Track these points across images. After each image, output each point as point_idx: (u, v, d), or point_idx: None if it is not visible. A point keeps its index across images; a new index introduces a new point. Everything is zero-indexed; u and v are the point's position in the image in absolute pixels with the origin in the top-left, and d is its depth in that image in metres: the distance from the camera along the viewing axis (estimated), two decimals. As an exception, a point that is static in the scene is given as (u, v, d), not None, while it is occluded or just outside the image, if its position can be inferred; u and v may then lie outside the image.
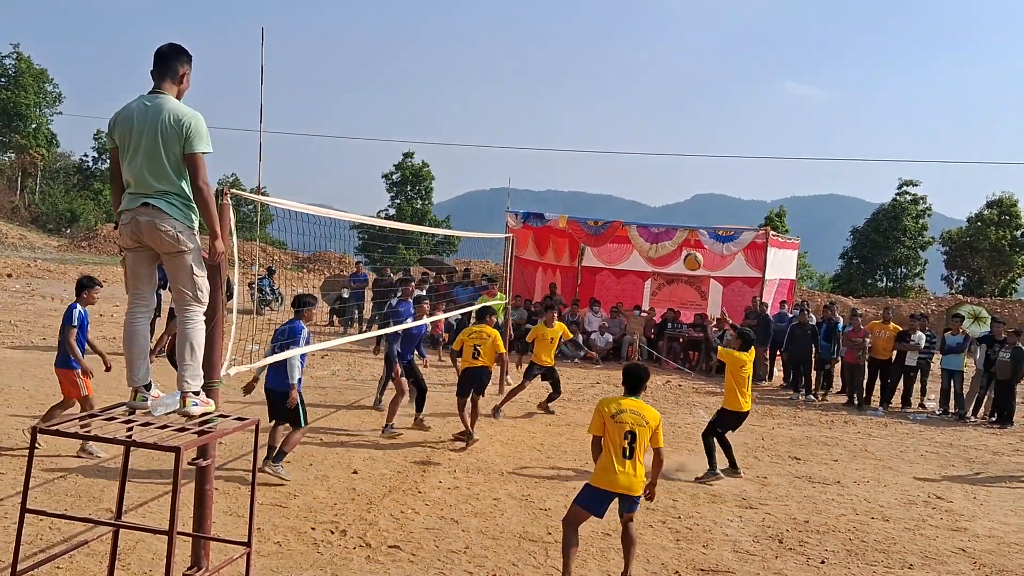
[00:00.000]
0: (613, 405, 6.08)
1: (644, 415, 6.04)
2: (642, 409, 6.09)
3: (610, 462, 5.93)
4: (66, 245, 46.59)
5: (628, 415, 6.00)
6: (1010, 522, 8.50)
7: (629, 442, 5.93)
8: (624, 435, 5.94)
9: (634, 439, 5.94)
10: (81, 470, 7.86)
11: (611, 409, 6.04)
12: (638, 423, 5.98)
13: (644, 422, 6.00)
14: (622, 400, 6.14)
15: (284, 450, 8.16)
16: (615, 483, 5.93)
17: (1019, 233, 46.08)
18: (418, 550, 6.59)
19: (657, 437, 6.09)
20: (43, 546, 5.93)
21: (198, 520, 4.92)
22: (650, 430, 6.02)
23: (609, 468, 5.93)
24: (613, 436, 5.96)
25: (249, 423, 4.88)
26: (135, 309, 4.88)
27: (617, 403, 6.10)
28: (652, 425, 6.04)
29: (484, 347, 10.35)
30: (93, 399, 8.34)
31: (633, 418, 5.99)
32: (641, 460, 5.99)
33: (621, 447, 5.93)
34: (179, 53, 4.79)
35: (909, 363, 15.34)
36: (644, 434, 5.98)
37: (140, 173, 4.61)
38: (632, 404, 6.10)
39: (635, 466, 5.95)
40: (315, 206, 7.61)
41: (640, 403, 6.16)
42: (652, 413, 6.12)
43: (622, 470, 5.91)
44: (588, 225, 20.90)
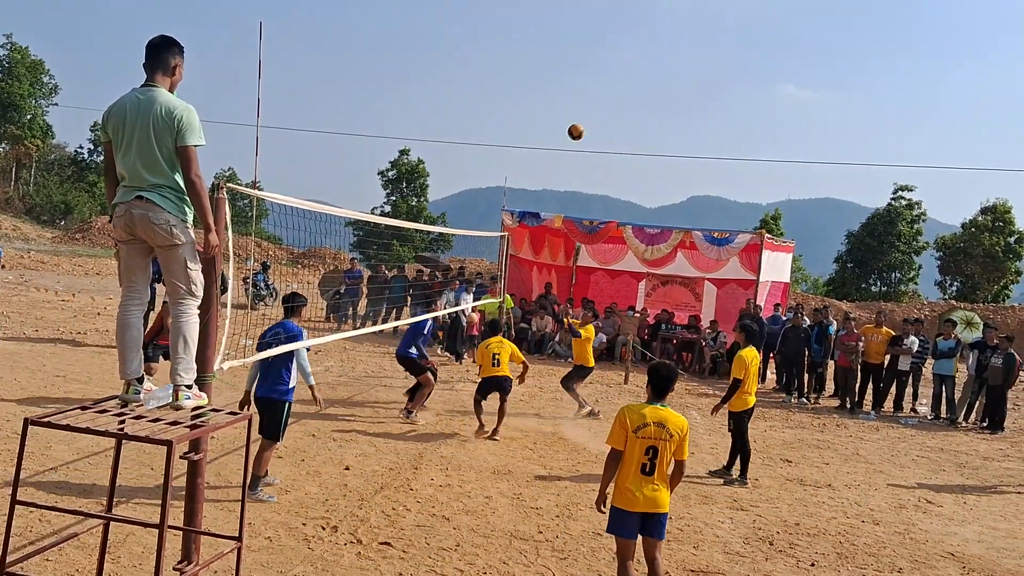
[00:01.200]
0: (636, 416, 5.48)
1: (668, 427, 5.46)
2: (667, 421, 5.48)
3: (627, 480, 5.47)
4: (60, 237, 46.42)
5: (652, 429, 5.43)
6: (999, 527, 8.53)
7: (650, 457, 5.44)
8: (645, 450, 5.44)
9: (656, 455, 5.43)
10: (73, 463, 7.84)
11: (634, 421, 5.47)
12: (661, 437, 5.43)
13: (668, 435, 5.45)
14: (646, 409, 5.52)
15: (257, 474, 7.52)
16: (636, 503, 5.44)
17: (1013, 239, 46.20)
18: (409, 547, 6.59)
19: (682, 449, 5.55)
20: (33, 538, 5.92)
21: (189, 514, 4.91)
22: (675, 443, 5.49)
23: (629, 486, 5.46)
24: (633, 450, 5.45)
25: (242, 417, 4.87)
26: (128, 302, 4.87)
27: (640, 414, 5.49)
28: (676, 438, 5.49)
29: (503, 355, 10.83)
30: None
31: (656, 431, 5.43)
32: (664, 475, 5.50)
33: (640, 463, 5.44)
34: (171, 45, 4.78)
35: (902, 367, 15.38)
36: (667, 448, 5.46)
37: (133, 166, 4.61)
38: (656, 415, 5.48)
39: (657, 481, 5.46)
40: (311, 201, 7.60)
41: (666, 412, 5.54)
42: (677, 422, 5.53)
43: (642, 487, 5.44)
44: (583, 225, 20.93)
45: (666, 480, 5.52)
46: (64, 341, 14.69)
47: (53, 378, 11.30)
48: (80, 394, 10.26)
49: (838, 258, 52.01)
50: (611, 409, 13.50)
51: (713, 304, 21.07)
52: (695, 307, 21.29)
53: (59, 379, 11.29)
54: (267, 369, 7.65)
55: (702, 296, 21.51)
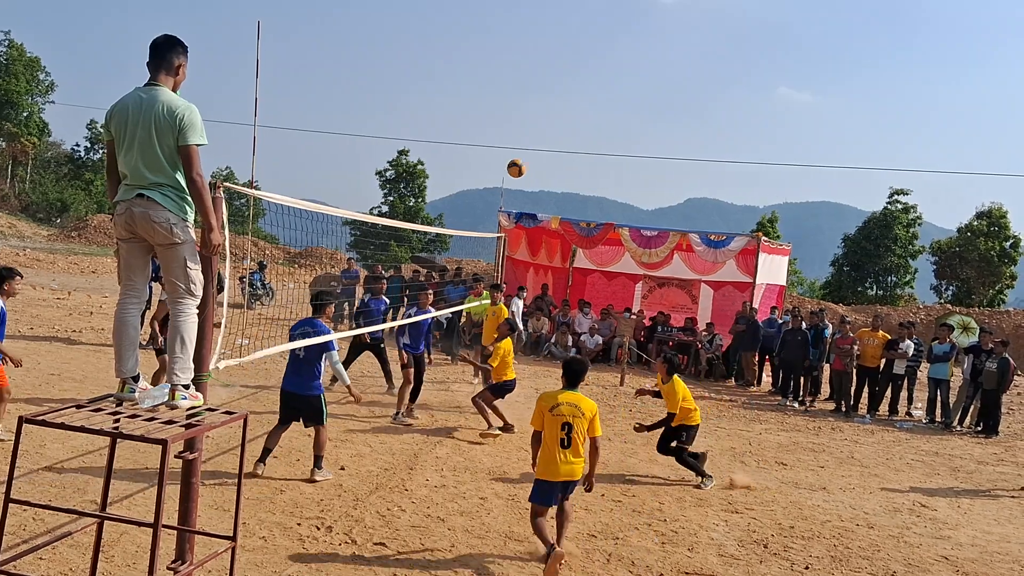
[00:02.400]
0: (551, 399, 6.47)
1: (580, 406, 6.44)
2: (579, 401, 6.47)
3: (550, 454, 6.37)
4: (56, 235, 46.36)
5: (565, 407, 6.40)
6: (993, 531, 8.55)
7: (566, 432, 6.36)
8: (561, 427, 6.36)
9: (571, 430, 6.36)
10: (67, 461, 7.83)
11: (549, 403, 6.44)
12: (574, 414, 6.39)
13: (580, 413, 6.41)
14: (560, 394, 6.52)
15: (319, 454, 8.26)
16: (557, 473, 6.36)
17: (1008, 244, 46.33)
18: (404, 548, 6.59)
19: (594, 427, 6.50)
20: (26, 536, 5.90)
21: (183, 513, 4.90)
22: (586, 420, 6.44)
23: (551, 460, 6.37)
24: (552, 428, 6.38)
25: (237, 417, 4.87)
26: (126, 300, 4.86)
27: (555, 397, 6.49)
28: (588, 416, 6.45)
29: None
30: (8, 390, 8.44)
31: (570, 410, 6.40)
32: (580, 448, 6.41)
33: (559, 438, 6.36)
34: (174, 44, 4.79)
35: (897, 371, 15.40)
36: (580, 424, 6.40)
37: (135, 165, 4.61)
38: (569, 397, 6.49)
39: (574, 454, 6.37)
40: (308, 201, 7.60)
41: (577, 396, 6.53)
42: (588, 404, 6.51)
43: (562, 460, 6.35)
44: (580, 227, 20.94)
45: (582, 454, 6.43)
46: (59, 339, 14.67)
47: (48, 376, 11.28)
48: (75, 392, 10.25)
49: (834, 261, 52.11)
50: (606, 411, 13.51)
51: (709, 306, 21.10)
52: (691, 309, 21.32)
53: (54, 377, 11.27)
54: (300, 366, 8.25)
55: (698, 298, 21.53)
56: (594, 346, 19.58)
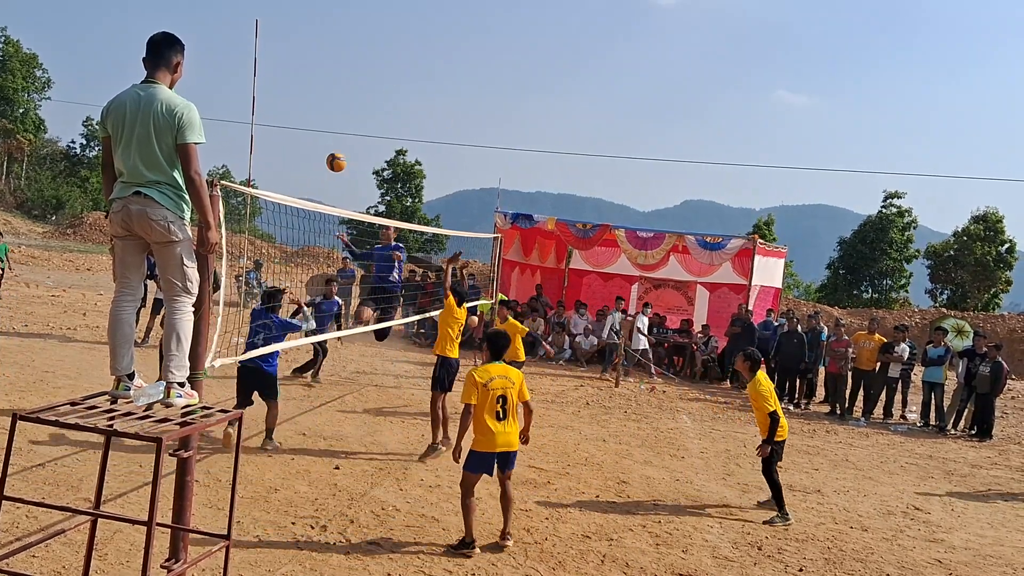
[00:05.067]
0: (483, 374, 6.66)
1: (509, 376, 6.72)
2: (507, 372, 6.76)
3: (488, 426, 6.58)
4: (51, 232, 46.27)
5: (497, 381, 6.63)
6: (986, 535, 8.56)
7: (502, 405, 6.60)
8: (496, 399, 6.59)
9: (505, 401, 6.62)
10: (61, 459, 7.81)
11: (482, 378, 6.63)
12: (506, 386, 6.64)
13: (511, 383, 6.68)
14: (490, 367, 6.73)
15: (271, 427, 9.00)
16: (495, 444, 6.60)
17: (1003, 248, 46.43)
18: (398, 547, 6.59)
19: (523, 392, 6.78)
20: (19, 534, 5.89)
21: (177, 512, 4.89)
22: (516, 388, 6.71)
23: (488, 431, 6.58)
24: (486, 402, 6.58)
25: (233, 415, 4.86)
26: (122, 298, 4.86)
27: (486, 371, 6.69)
28: (517, 384, 6.73)
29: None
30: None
31: (502, 382, 6.64)
32: (514, 418, 6.68)
33: (495, 411, 6.59)
34: (172, 42, 4.78)
35: (892, 374, 15.43)
36: (513, 394, 6.67)
37: (132, 163, 4.60)
38: (498, 370, 6.73)
39: (510, 425, 6.64)
40: (305, 200, 7.59)
41: (504, 367, 6.81)
42: (515, 373, 6.81)
43: (501, 431, 6.59)
44: (577, 228, 20.95)
45: (516, 422, 6.69)
46: (54, 337, 14.64)
47: (42, 373, 11.25)
48: (70, 390, 10.22)
49: (830, 264, 52.19)
50: (601, 412, 13.52)
51: (705, 308, 21.12)
52: (687, 311, 21.34)
53: (48, 375, 11.25)
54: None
55: (694, 300, 21.56)
56: (589, 347, 19.59)
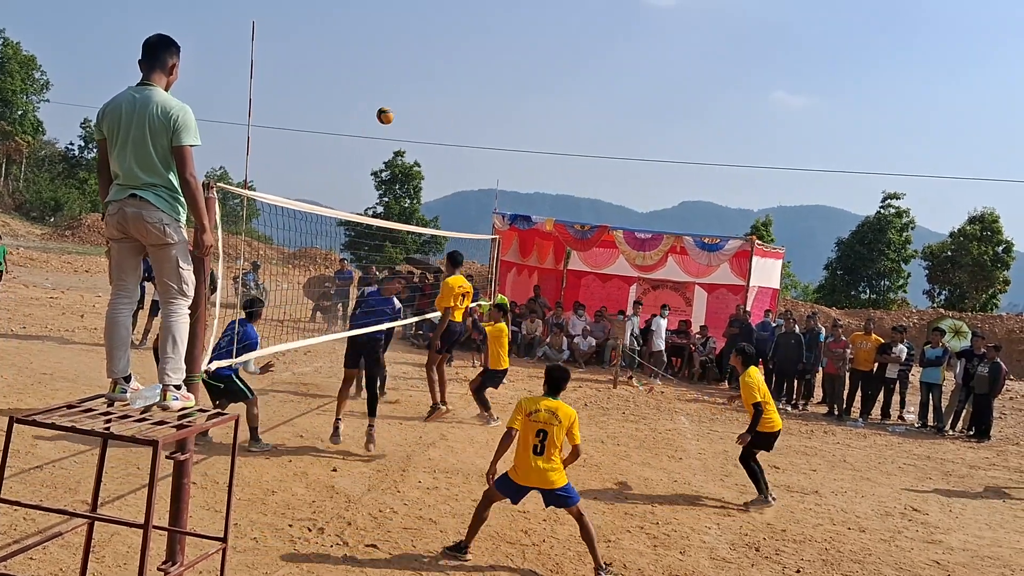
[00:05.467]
0: (532, 404, 6.50)
1: (558, 414, 6.42)
2: (557, 408, 6.46)
3: (522, 458, 6.41)
4: (49, 234, 46.25)
5: (543, 414, 6.41)
6: (984, 536, 8.57)
7: (540, 439, 6.36)
8: (536, 433, 6.37)
9: (545, 437, 6.36)
10: (58, 461, 7.80)
11: (528, 407, 6.47)
12: (550, 422, 6.37)
13: (557, 421, 6.38)
14: (541, 400, 6.52)
15: (252, 426, 9.01)
16: (528, 479, 6.41)
17: (1000, 249, 46.45)
18: (395, 549, 6.58)
19: (573, 434, 6.45)
20: (17, 536, 5.88)
21: (174, 514, 4.89)
22: (563, 428, 6.40)
23: (521, 464, 6.42)
24: (526, 433, 6.41)
25: (228, 418, 4.86)
26: (118, 300, 4.85)
27: (535, 402, 6.50)
28: (565, 424, 6.42)
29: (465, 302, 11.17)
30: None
31: (547, 416, 6.39)
32: (554, 456, 6.38)
33: (532, 444, 6.37)
34: (168, 44, 4.79)
35: (889, 375, 15.44)
36: (556, 432, 6.37)
37: (128, 165, 4.61)
38: (549, 404, 6.48)
39: (545, 461, 6.34)
40: (303, 202, 7.59)
41: (557, 403, 6.52)
42: (566, 411, 6.48)
43: (533, 466, 6.35)
44: (575, 229, 20.96)
45: (555, 462, 6.38)
46: (52, 338, 14.63)
47: (40, 376, 11.24)
48: (67, 392, 10.21)
49: (828, 265, 52.19)
50: (599, 413, 13.52)
51: (703, 309, 21.15)
52: (685, 312, 21.36)
53: (46, 377, 11.23)
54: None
55: (692, 301, 21.59)
56: (587, 348, 19.59)
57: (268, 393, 12.09)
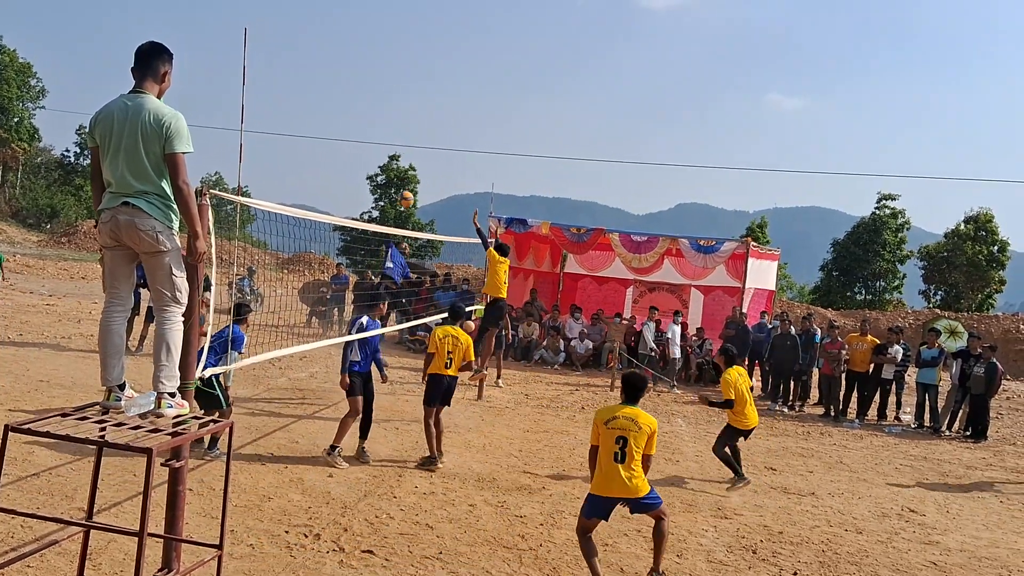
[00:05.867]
0: (607, 413, 6.32)
1: (638, 420, 6.23)
2: (636, 415, 6.26)
3: (605, 468, 6.18)
4: (46, 240, 46.15)
5: (621, 420, 6.21)
6: (982, 536, 8.58)
7: (620, 446, 6.14)
8: (615, 440, 6.15)
9: (625, 443, 6.14)
10: (55, 468, 7.79)
11: (605, 416, 6.29)
12: (630, 428, 6.18)
13: (637, 427, 6.19)
14: (618, 408, 6.34)
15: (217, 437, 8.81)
16: (611, 488, 6.16)
17: (996, 249, 46.50)
18: (392, 555, 6.58)
19: (651, 443, 6.28)
20: (14, 544, 5.88)
21: (170, 521, 4.89)
22: (644, 435, 6.21)
23: (604, 474, 6.18)
24: (606, 442, 6.19)
25: (223, 425, 4.86)
26: (111, 308, 4.85)
27: (612, 411, 6.33)
28: (646, 431, 6.23)
29: (456, 355, 9.51)
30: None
31: (625, 423, 6.19)
32: (636, 462, 6.18)
33: (612, 451, 6.15)
34: (160, 52, 4.79)
35: (885, 376, 15.46)
36: (637, 439, 6.17)
37: (120, 173, 4.61)
38: (627, 411, 6.29)
39: (627, 468, 6.14)
40: (298, 207, 7.60)
41: (636, 410, 6.32)
42: (647, 419, 6.29)
43: (615, 475, 6.13)
44: (571, 232, 20.98)
45: (637, 467, 6.19)
46: (48, 345, 14.60)
47: (36, 383, 11.22)
48: (63, 399, 10.20)
49: (823, 266, 52.22)
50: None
51: (700, 311, 21.16)
52: (682, 314, 21.35)
53: (43, 384, 11.22)
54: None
55: (689, 303, 21.59)
56: (584, 351, 19.60)
57: (263, 398, 12.09)
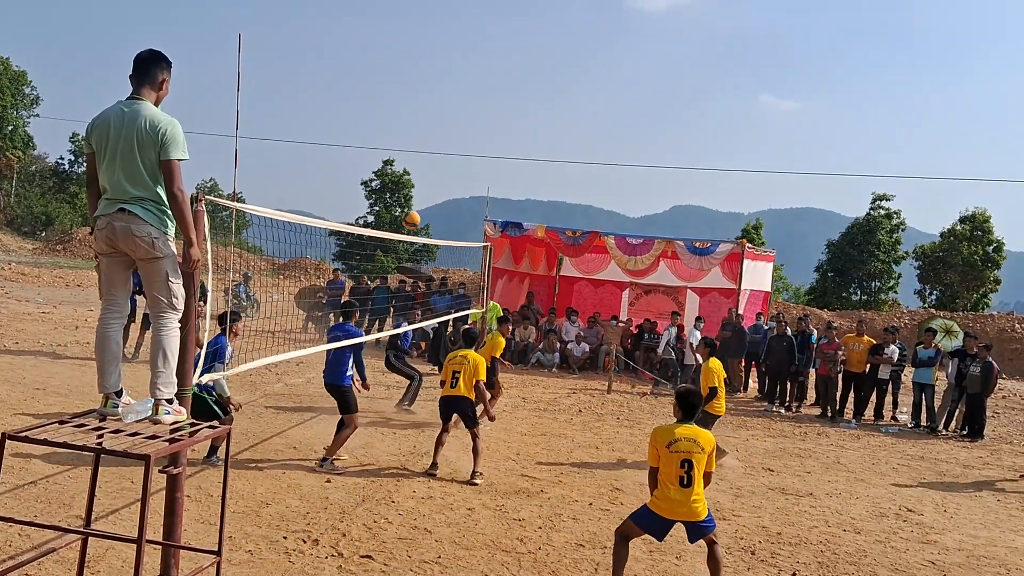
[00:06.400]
0: (667, 434, 6.03)
1: (698, 440, 6.01)
2: (696, 435, 6.04)
3: (670, 493, 5.93)
4: (41, 248, 46.09)
5: (684, 443, 5.95)
6: (979, 535, 8.59)
7: (687, 470, 5.91)
8: (681, 463, 5.91)
9: (691, 467, 5.92)
10: (52, 476, 7.78)
11: (665, 438, 6.00)
12: (693, 450, 5.94)
13: (700, 448, 5.97)
14: (676, 428, 6.07)
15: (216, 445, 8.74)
16: (675, 512, 5.95)
17: (991, 248, 46.59)
18: (390, 560, 6.57)
19: (711, 461, 6.08)
20: (12, 553, 5.86)
21: (168, 528, 4.88)
22: (706, 455, 6.01)
23: (668, 497, 5.94)
24: (670, 466, 5.94)
25: (221, 431, 4.86)
26: (108, 315, 4.85)
27: (671, 432, 6.04)
28: (708, 450, 6.03)
29: (464, 373, 9.26)
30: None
31: (688, 445, 5.95)
32: (699, 485, 5.98)
33: (679, 476, 5.91)
34: (159, 59, 4.80)
35: (882, 376, 15.48)
36: (700, 460, 5.96)
37: (116, 179, 4.61)
38: (686, 431, 6.04)
39: (695, 493, 5.93)
40: (293, 212, 7.59)
41: (694, 429, 6.10)
42: (706, 437, 6.10)
43: (682, 499, 5.91)
44: (566, 235, 20.99)
45: (701, 490, 5.98)
46: (44, 353, 14.58)
47: (33, 391, 11.21)
48: (60, 407, 10.19)
49: (819, 267, 52.29)
50: (593, 419, 13.51)
51: (696, 313, 21.17)
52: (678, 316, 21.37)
53: (39, 391, 11.21)
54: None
55: (685, 305, 21.61)
56: (581, 354, 19.60)
57: (258, 403, 12.08)
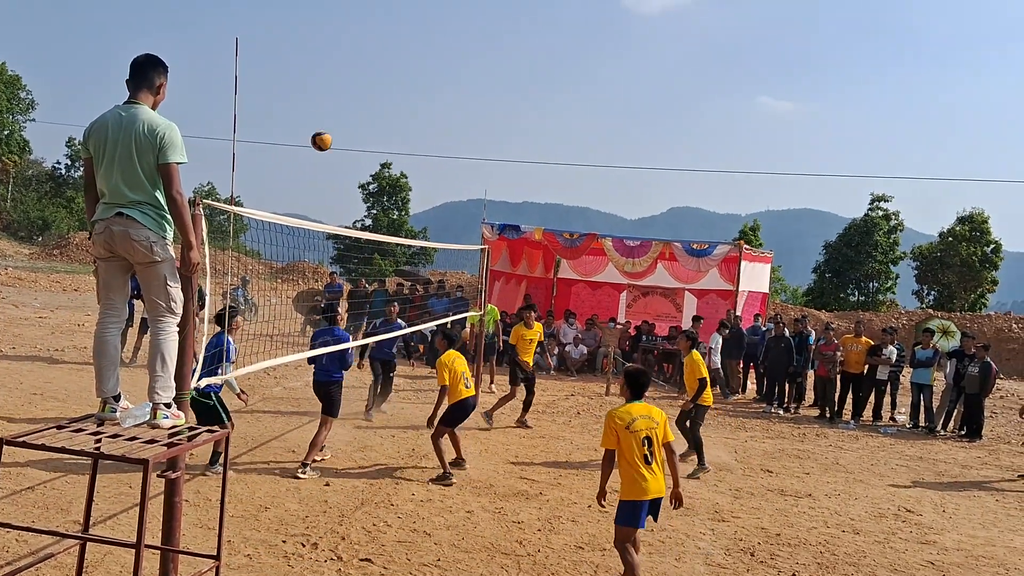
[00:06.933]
0: (624, 415, 6.09)
1: (652, 416, 6.13)
2: (650, 412, 6.16)
3: (636, 472, 5.99)
4: (38, 253, 46.03)
5: (641, 421, 6.05)
6: (978, 535, 8.59)
7: (647, 447, 6.01)
8: (642, 442, 6.01)
9: (651, 443, 6.03)
10: (50, 481, 7.76)
11: (623, 419, 6.06)
12: (650, 426, 6.06)
13: (655, 423, 6.10)
14: (631, 408, 6.16)
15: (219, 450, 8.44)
16: (646, 491, 6.01)
17: (989, 249, 46.64)
18: (390, 563, 6.56)
19: (667, 432, 6.17)
20: (10, 558, 5.85)
21: (166, 533, 4.87)
22: (661, 428, 6.13)
23: (637, 478, 5.99)
24: (631, 446, 6.01)
25: (220, 435, 4.85)
26: (106, 320, 4.84)
27: (627, 412, 6.12)
28: (662, 423, 6.14)
29: (468, 374, 9.57)
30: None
31: (646, 423, 6.06)
32: (660, 461, 6.09)
33: (642, 455, 6.00)
34: (156, 64, 4.79)
35: (880, 376, 15.48)
36: (658, 434, 6.08)
37: (114, 183, 4.60)
38: (641, 410, 6.14)
39: (658, 468, 6.06)
40: (291, 216, 7.59)
41: (646, 406, 6.21)
42: (657, 412, 6.21)
43: (650, 476, 5.99)
44: (564, 238, 20.98)
45: (662, 463, 6.10)
46: (41, 358, 14.56)
47: (30, 396, 11.20)
48: (57, 412, 10.18)
49: (816, 268, 52.32)
50: (592, 421, 13.51)
51: (693, 315, 21.19)
52: (676, 318, 21.40)
53: (36, 396, 11.19)
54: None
55: (682, 307, 21.62)
56: (579, 356, 19.60)
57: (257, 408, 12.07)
